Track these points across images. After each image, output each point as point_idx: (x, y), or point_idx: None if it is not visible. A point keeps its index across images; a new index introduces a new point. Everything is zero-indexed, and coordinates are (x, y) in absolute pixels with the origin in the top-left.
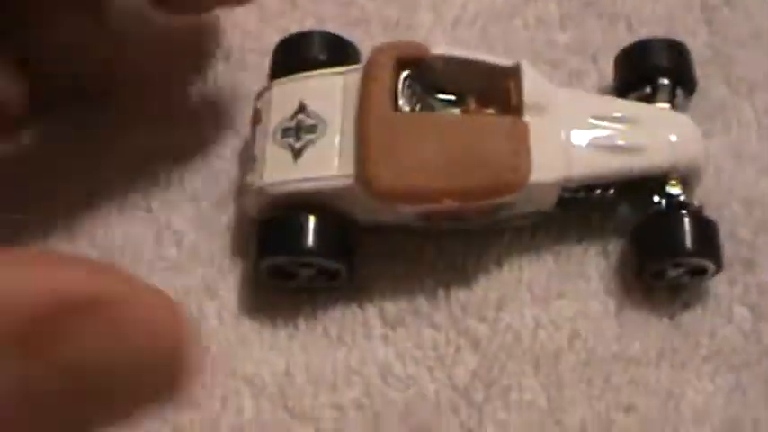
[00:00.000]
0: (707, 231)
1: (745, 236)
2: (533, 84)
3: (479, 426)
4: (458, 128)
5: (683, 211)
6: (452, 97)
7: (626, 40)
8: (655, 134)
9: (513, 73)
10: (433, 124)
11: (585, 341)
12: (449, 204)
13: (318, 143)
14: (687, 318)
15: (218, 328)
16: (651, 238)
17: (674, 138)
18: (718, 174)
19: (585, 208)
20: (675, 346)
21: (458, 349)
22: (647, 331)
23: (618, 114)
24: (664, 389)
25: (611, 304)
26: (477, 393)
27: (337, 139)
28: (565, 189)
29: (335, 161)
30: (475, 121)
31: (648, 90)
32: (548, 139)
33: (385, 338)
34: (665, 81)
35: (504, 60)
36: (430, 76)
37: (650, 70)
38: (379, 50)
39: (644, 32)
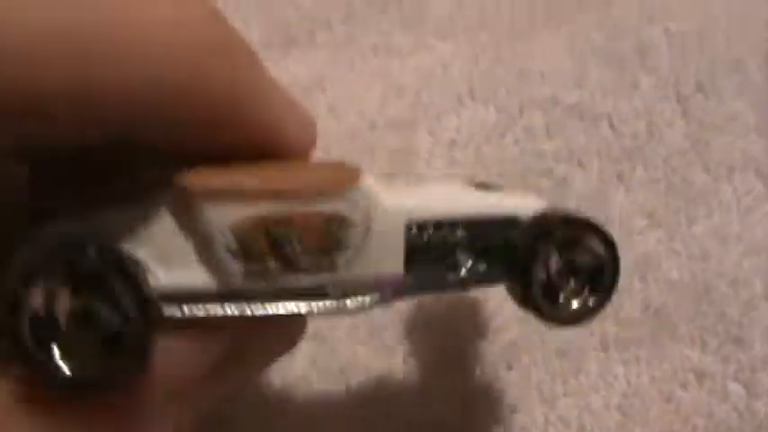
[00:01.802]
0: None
1: (733, 315)
2: None
3: None
4: None
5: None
6: None
7: (608, 138)
8: None
9: None
10: None
11: None
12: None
13: None
14: (684, 400)
15: None
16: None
17: None
18: (705, 258)
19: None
20: (675, 429)
21: None
22: (648, 419)
23: None
24: None
25: (613, 396)
26: None
27: None
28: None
29: None
30: None
31: None
32: None
33: None
34: None
35: None
36: None
37: None
38: None
39: (626, 129)
